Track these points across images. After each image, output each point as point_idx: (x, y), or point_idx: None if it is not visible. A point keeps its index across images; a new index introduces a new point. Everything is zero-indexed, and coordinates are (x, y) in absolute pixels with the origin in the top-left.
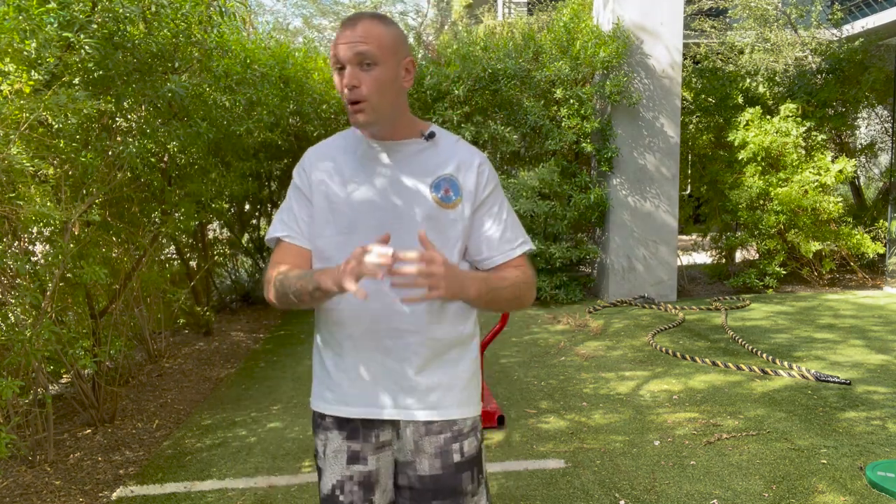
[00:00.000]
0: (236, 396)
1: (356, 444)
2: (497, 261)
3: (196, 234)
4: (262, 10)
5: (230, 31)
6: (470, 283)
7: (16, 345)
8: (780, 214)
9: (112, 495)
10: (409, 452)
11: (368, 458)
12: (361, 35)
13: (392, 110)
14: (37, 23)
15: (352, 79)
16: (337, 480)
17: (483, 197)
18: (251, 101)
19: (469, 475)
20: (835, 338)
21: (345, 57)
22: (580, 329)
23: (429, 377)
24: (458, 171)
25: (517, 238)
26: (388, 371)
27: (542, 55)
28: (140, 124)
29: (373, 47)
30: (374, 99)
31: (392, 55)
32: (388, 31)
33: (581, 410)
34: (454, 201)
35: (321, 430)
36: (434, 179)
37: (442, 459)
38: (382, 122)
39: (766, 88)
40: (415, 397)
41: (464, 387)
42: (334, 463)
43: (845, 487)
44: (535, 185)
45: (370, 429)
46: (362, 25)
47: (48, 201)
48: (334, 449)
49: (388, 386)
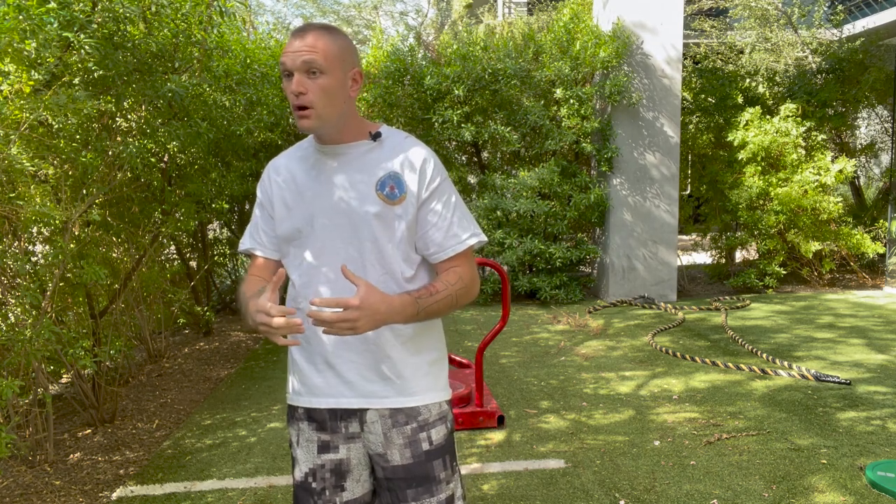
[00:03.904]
0: (236, 396)
1: (325, 435)
2: (441, 256)
3: (196, 234)
4: (262, 10)
5: (230, 31)
6: (396, 314)
7: (16, 345)
8: (780, 214)
9: (112, 495)
10: (380, 444)
11: (340, 447)
12: (309, 45)
13: (338, 116)
14: (37, 23)
15: (298, 86)
16: (309, 469)
17: (428, 193)
18: (251, 101)
19: (441, 462)
20: (835, 338)
21: (292, 65)
22: (580, 329)
23: (391, 366)
24: (402, 167)
25: (465, 231)
26: (350, 362)
27: (542, 55)
28: (140, 124)
29: (319, 57)
30: (320, 105)
31: (338, 65)
32: (335, 42)
33: (581, 410)
34: (399, 198)
35: (294, 421)
36: (379, 178)
37: (412, 449)
38: (328, 127)
39: (766, 88)
40: (377, 385)
41: (426, 372)
42: (307, 452)
43: (845, 487)
44: (535, 185)
45: (337, 420)
46: (311, 36)
47: (48, 201)
48: (306, 439)
49: (352, 377)
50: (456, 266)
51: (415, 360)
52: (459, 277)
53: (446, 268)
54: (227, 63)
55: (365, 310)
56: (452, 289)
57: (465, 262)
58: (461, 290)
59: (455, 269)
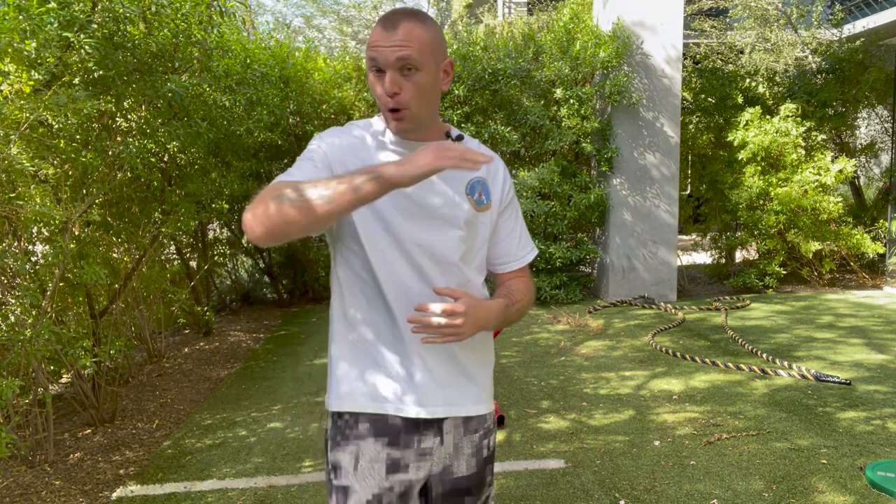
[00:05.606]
0: (236, 396)
1: (396, 452)
2: (513, 266)
3: (196, 234)
4: (262, 10)
5: (230, 31)
6: (493, 319)
7: (16, 345)
8: (780, 214)
9: (112, 495)
10: (448, 456)
11: (410, 467)
12: (402, 38)
13: (430, 115)
14: (37, 23)
15: (393, 85)
16: (373, 495)
17: (507, 202)
18: (251, 101)
19: (491, 467)
20: (835, 338)
21: (385, 62)
22: (580, 329)
23: (468, 373)
24: (487, 174)
25: (529, 244)
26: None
27: (542, 55)
28: (140, 124)
29: (414, 52)
30: (415, 105)
31: (432, 58)
32: (429, 33)
33: (581, 410)
34: (486, 205)
35: (352, 439)
36: (468, 182)
37: (476, 458)
38: (419, 128)
39: (766, 88)
40: (456, 392)
41: (490, 379)
42: (370, 475)
43: (845, 487)
44: (535, 185)
45: (413, 432)
46: (403, 27)
47: (48, 201)
48: (370, 459)
49: (434, 383)
50: (522, 276)
51: (484, 368)
52: (528, 287)
53: (514, 277)
54: (227, 63)
55: (470, 315)
56: (526, 298)
57: (528, 272)
58: (531, 299)
59: (522, 278)
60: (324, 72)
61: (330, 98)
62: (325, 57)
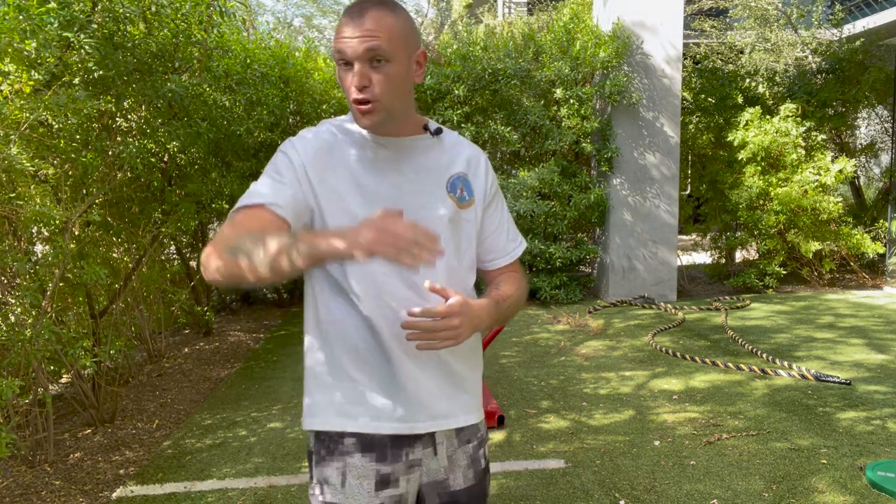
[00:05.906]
0: (236, 396)
1: (385, 467)
2: (502, 262)
3: (196, 234)
4: (262, 10)
5: (230, 31)
6: (487, 318)
7: (16, 345)
8: (780, 214)
9: (112, 495)
10: (442, 470)
11: (400, 480)
12: (371, 28)
13: (403, 108)
14: (37, 23)
15: (362, 79)
16: None
17: (491, 197)
18: (251, 101)
19: (489, 476)
20: (835, 338)
21: (353, 53)
22: (580, 329)
23: (459, 382)
24: (469, 169)
25: (517, 237)
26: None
27: (542, 55)
28: (140, 124)
29: (384, 42)
30: (386, 99)
31: (404, 49)
32: (399, 22)
33: (581, 410)
34: (468, 201)
35: (337, 455)
36: (448, 178)
37: (474, 469)
38: (391, 121)
39: (766, 88)
40: (446, 403)
41: (479, 387)
42: (359, 491)
43: (845, 487)
44: (535, 185)
45: (401, 447)
46: (371, 16)
47: (48, 201)
48: (358, 475)
49: (423, 396)
50: (513, 271)
51: (474, 375)
52: (519, 282)
53: (505, 272)
54: (227, 63)
55: (466, 315)
56: (517, 294)
57: (519, 266)
58: (523, 295)
59: (513, 273)
60: (324, 72)
61: (330, 98)
62: (325, 57)
